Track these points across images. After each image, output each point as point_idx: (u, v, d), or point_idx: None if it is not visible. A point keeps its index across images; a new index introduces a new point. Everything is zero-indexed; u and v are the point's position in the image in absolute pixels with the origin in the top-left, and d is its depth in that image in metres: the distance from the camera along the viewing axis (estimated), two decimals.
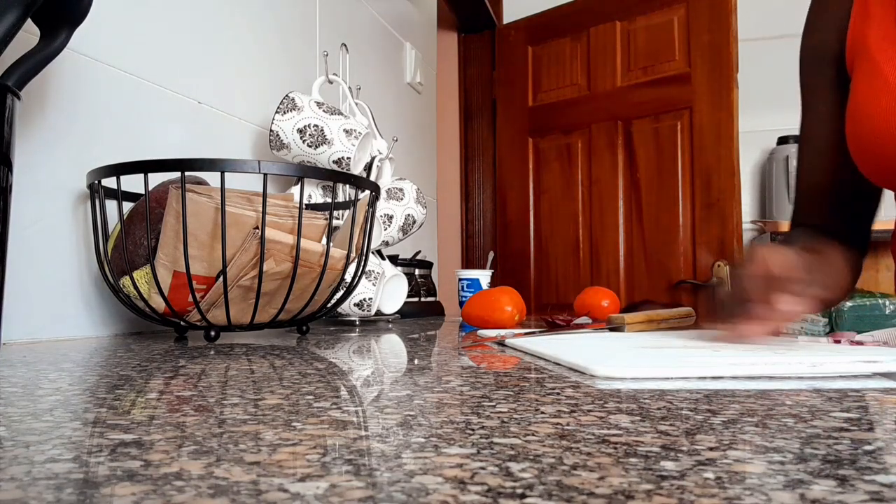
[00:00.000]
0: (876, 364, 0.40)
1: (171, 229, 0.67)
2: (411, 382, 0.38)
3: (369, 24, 1.64)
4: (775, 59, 2.48)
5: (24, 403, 0.31)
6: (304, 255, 0.69)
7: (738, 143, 2.07)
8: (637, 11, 2.29)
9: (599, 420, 0.27)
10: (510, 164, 2.60)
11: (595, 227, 2.38)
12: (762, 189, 2.51)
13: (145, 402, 0.32)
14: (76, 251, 0.79)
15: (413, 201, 1.17)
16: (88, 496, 0.17)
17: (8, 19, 0.58)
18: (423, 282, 1.48)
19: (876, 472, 0.19)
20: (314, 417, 0.28)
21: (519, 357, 0.53)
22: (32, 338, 0.72)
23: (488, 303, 0.96)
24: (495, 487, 0.18)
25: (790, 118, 2.49)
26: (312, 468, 0.20)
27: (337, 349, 0.62)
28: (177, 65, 0.96)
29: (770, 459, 0.21)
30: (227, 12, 1.07)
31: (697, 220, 2.14)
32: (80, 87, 0.80)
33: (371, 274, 1.04)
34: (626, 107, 2.31)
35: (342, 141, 1.01)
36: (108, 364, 0.49)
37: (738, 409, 0.29)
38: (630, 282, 2.26)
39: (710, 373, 0.39)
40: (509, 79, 2.61)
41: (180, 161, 0.66)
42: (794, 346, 0.53)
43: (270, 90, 1.17)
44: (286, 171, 0.69)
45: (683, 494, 0.17)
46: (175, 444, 0.23)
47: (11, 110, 0.59)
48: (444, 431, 0.25)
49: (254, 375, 0.41)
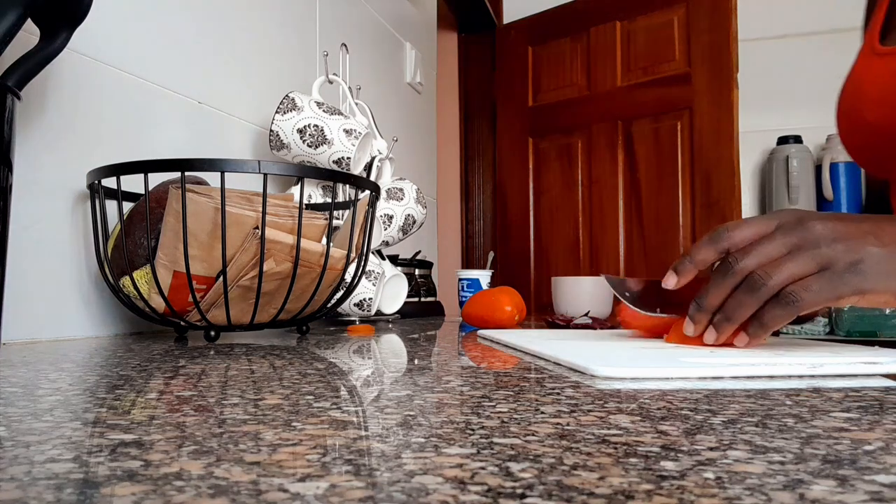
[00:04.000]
0: (876, 365, 0.40)
1: (171, 229, 0.67)
2: (411, 382, 0.38)
3: (369, 24, 1.64)
4: (775, 59, 2.49)
5: (24, 403, 0.31)
6: (304, 255, 0.69)
7: (738, 143, 2.08)
8: (637, 11, 2.29)
9: (599, 420, 0.27)
10: (510, 164, 2.60)
11: (595, 227, 2.38)
12: (762, 189, 2.51)
13: (145, 402, 0.32)
14: (76, 251, 0.79)
15: (413, 201, 1.17)
16: (88, 496, 0.17)
17: (8, 19, 0.58)
18: (423, 282, 1.48)
19: (876, 472, 0.19)
20: (314, 417, 0.28)
21: (519, 357, 0.53)
22: (32, 338, 0.72)
23: (488, 303, 0.96)
24: (495, 487, 0.18)
25: (790, 118, 2.50)
26: (312, 468, 0.20)
27: (337, 349, 0.62)
28: (177, 65, 0.96)
29: (770, 459, 0.21)
30: (228, 12, 1.07)
31: (697, 220, 2.14)
32: (80, 87, 0.80)
33: (371, 274, 1.04)
34: (626, 107, 2.31)
35: (342, 141, 1.01)
36: (108, 364, 0.49)
37: (738, 409, 0.29)
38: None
39: (710, 373, 0.39)
40: (509, 79, 2.61)
41: (180, 161, 0.66)
42: (794, 346, 0.53)
43: (270, 90, 1.17)
44: (286, 171, 0.69)
45: (683, 494, 0.17)
46: (175, 444, 0.23)
47: (11, 110, 0.59)
48: (444, 431, 0.25)
49: (254, 375, 0.41)
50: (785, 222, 0.48)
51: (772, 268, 0.47)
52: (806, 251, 0.46)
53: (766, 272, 0.47)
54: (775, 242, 0.47)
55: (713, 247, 0.50)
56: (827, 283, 0.45)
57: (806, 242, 0.47)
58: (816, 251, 0.46)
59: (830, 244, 0.46)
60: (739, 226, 0.50)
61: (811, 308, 0.46)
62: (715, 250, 0.50)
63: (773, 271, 0.46)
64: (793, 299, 0.46)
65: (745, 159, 2.37)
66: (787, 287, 0.46)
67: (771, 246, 0.47)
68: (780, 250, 0.47)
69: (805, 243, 0.47)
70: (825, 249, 0.46)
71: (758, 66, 2.44)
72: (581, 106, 2.42)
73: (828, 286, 0.45)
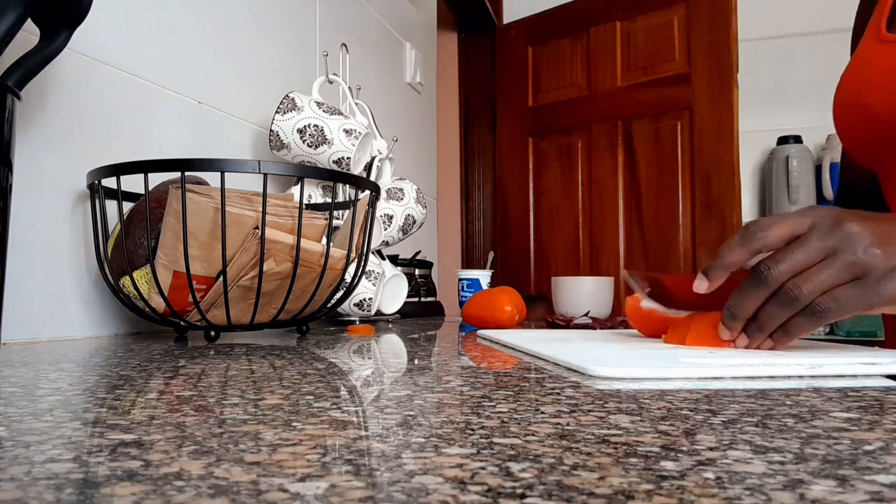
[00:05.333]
0: (876, 365, 0.40)
1: (171, 229, 0.67)
2: (411, 382, 0.38)
3: (369, 24, 1.64)
4: (775, 59, 2.49)
5: (24, 403, 0.31)
6: (304, 255, 0.69)
7: (738, 143, 2.07)
8: (637, 11, 2.29)
9: (599, 420, 0.27)
10: (510, 164, 2.60)
11: (595, 227, 2.38)
12: (762, 189, 2.52)
13: (145, 402, 0.32)
14: (76, 251, 0.79)
15: (413, 201, 1.17)
16: (88, 496, 0.17)
17: (8, 19, 0.58)
18: (423, 282, 1.48)
19: (876, 472, 0.19)
20: (314, 417, 0.28)
21: (519, 357, 0.53)
22: (32, 338, 0.72)
23: (488, 303, 0.96)
24: (495, 487, 0.18)
25: (790, 118, 2.51)
26: (312, 468, 0.20)
27: (337, 349, 0.62)
28: (177, 65, 0.96)
29: (770, 459, 0.21)
30: (228, 12, 1.07)
31: (697, 220, 2.14)
32: (80, 87, 0.80)
33: (371, 274, 1.04)
34: (626, 107, 2.31)
35: (342, 141, 1.01)
36: (108, 364, 0.49)
37: (738, 409, 0.29)
38: None
39: (710, 373, 0.39)
40: (509, 79, 2.61)
41: (180, 161, 0.66)
42: (794, 346, 0.53)
43: (270, 90, 1.17)
44: (286, 171, 0.69)
45: (683, 494, 0.17)
46: (175, 444, 0.23)
47: (11, 110, 0.59)
48: (444, 431, 0.25)
49: (254, 375, 0.41)
50: (819, 222, 0.46)
51: (805, 280, 0.45)
52: (841, 257, 0.45)
53: (798, 286, 0.45)
54: (810, 247, 0.45)
55: (745, 248, 0.48)
56: (859, 293, 0.44)
57: (842, 246, 0.45)
58: (853, 258, 0.44)
59: (867, 249, 0.44)
60: (772, 225, 0.47)
61: (840, 318, 0.45)
62: (747, 251, 0.48)
63: (806, 285, 0.45)
64: (820, 310, 0.45)
65: (745, 159, 2.37)
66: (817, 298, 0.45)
67: (805, 252, 0.46)
68: (814, 256, 0.45)
69: (841, 248, 0.45)
70: (861, 255, 0.44)
71: (758, 66, 2.45)
72: (581, 106, 2.42)
73: (859, 297, 0.44)
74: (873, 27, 0.66)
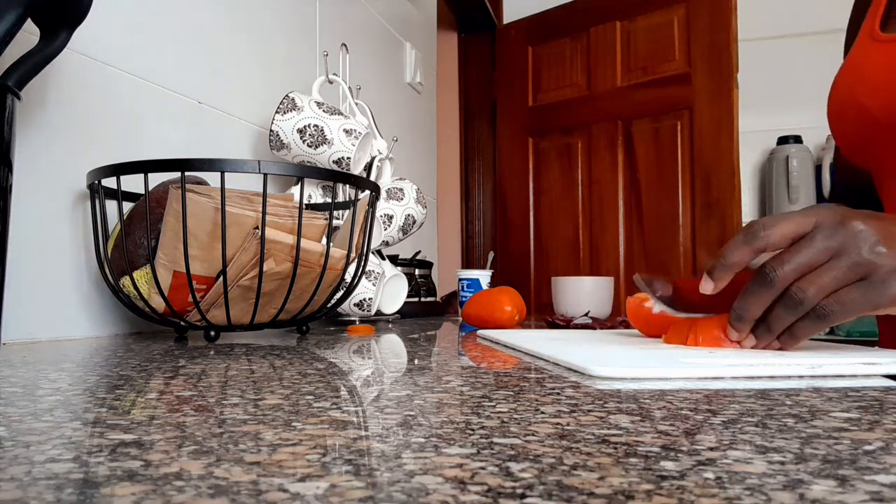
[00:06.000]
0: (876, 365, 0.40)
1: (170, 229, 0.67)
2: (411, 382, 0.38)
3: (369, 24, 1.64)
4: (775, 59, 2.49)
5: (24, 403, 0.31)
6: (304, 255, 0.69)
7: (738, 143, 2.08)
8: (637, 11, 2.29)
9: (599, 420, 0.27)
10: (510, 164, 2.60)
11: (595, 227, 2.38)
12: (762, 189, 2.52)
13: (145, 402, 0.32)
14: (76, 251, 0.79)
15: (413, 201, 1.17)
16: (88, 496, 0.17)
17: (8, 19, 0.58)
18: (423, 282, 1.48)
19: (876, 472, 0.19)
20: (314, 417, 0.28)
21: (519, 357, 0.53)
22: (32, 338, 0.72)
23: (488, 303, 0.96)
24: (495, 487, 0.18)
25: (790, 118, 2.50)
26: (312, 468, 0.20)
27: (337, 349, 0.62)
28: (177, 65, 0.96)
29: (770, 459, 0.21)
30: (228, 12, 1.07)
31: (697, 220, 2.14)
32: (80, 87, 0.80)
33: (371, 274, 1.04)
34: (626, 107, 2.31)
35: (342, 141, 1.01)
36: (108, 364, 0.49)
37: (738, 409, 0.29)
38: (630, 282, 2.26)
39: (710, 373, 0.39)
40: (509, 79, 2.61)
41: (180, 161, 0.66)
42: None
43: (270, 90, 1.17)
44: (286, 171, 0.69)
45: (683, 494, 0.17)
46: (175, 444, 0.23)
47: (11, 110, 0.59)
48: (444, 431, 0.25)
49: (254, 375, 0.41)
50: (824, 221, 0.46)
51: (810, 283, 0.45)
52: (846, 258, 0.44)
53: (803, 289, 0.45)
54: (814, 247, 0.45)
55: (748, 247, 0.48)
56: (864, 294, 0.44)
57: (847, 246, 0.44)
58: (858, 258, 0.44)
59: (873, 248, 0.44)
60: (775, 224, 0.47)
61: (845, 320, 0.44)
62: (750, 250, 0.48)
63: (811, 287, 0.45)
64: (825, 313, 0.45)
65: (745, 159, 2.37)
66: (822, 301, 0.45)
67: (810, 252, 0.45)
68: (819, 257, 0.45)
69: (846, 248, 0.44)
70: (867, 255, 0.44)
71: (758, 66, 2.45)
72: (581, 106, 2.42)
73: (864, 298, 0.44)
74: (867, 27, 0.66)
